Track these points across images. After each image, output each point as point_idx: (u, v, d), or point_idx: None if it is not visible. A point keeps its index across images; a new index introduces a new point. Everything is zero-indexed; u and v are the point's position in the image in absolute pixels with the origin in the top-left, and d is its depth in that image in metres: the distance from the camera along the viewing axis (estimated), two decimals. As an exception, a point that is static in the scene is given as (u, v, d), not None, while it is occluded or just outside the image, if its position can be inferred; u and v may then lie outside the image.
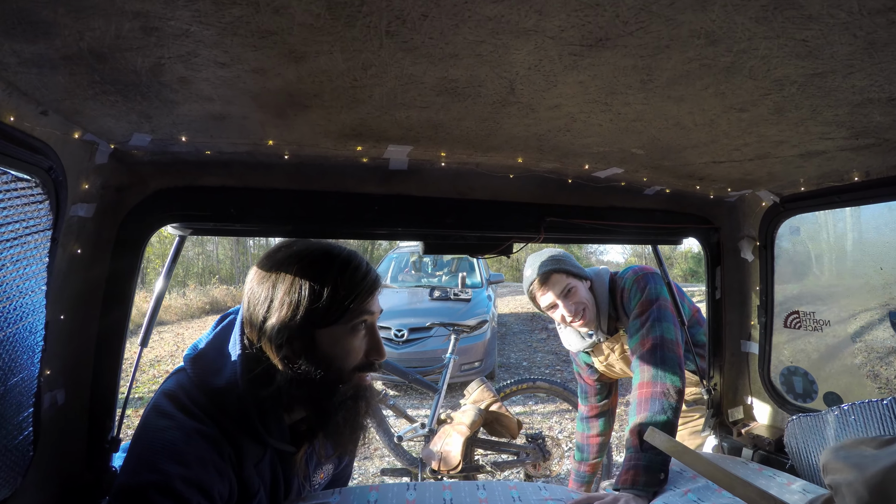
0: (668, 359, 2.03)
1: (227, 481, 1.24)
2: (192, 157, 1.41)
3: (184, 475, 1.14)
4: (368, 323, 1.36)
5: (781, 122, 1.19)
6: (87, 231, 1.32)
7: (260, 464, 1.34)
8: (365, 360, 1.37)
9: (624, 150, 1.42)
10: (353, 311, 1.30)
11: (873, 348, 3.08)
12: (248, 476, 1.30)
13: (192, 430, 1.21)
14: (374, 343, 1.38)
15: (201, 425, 1.23)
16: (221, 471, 1.23)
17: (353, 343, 1.34)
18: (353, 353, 1.34)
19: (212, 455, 1.21)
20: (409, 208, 1.67)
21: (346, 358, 1.33)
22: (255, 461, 1.33)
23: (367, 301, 1.34)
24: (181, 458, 1.16)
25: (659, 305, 2.17)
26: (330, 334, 1.30)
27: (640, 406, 1.96)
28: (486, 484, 1.65)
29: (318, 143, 1.35)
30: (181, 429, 1.20)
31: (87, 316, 1.39)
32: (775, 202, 2.05)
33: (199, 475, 1.17)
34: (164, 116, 1.12)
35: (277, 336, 1.26)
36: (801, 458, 1.89)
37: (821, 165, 1.59)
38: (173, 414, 1.23)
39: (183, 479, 1.14)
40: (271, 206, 1.57)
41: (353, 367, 1.35)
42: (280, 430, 1.36)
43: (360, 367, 1.36)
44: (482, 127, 1.23)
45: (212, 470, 1.20)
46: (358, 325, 1.33)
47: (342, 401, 1.33)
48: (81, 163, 1.21)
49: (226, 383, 1.26)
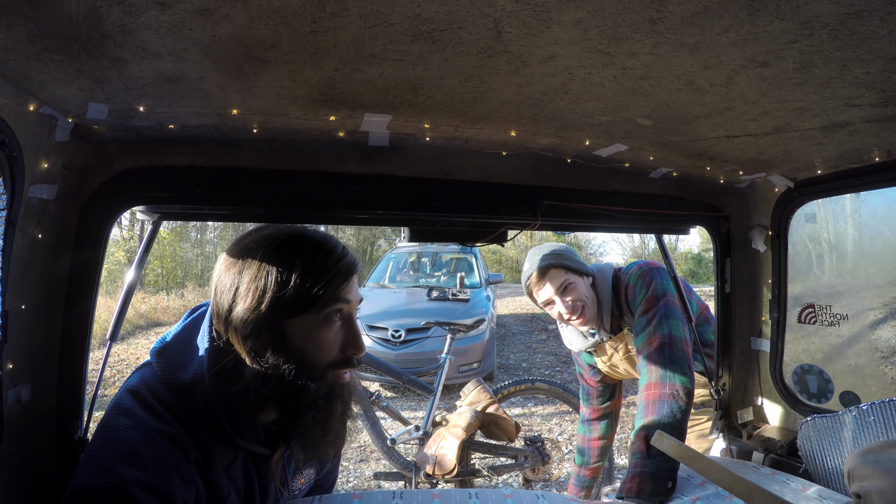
0: (676, 358, 1.92)
1: (192, 487, 1.14)
2: (156, 134, 1.33)
3: (141, 480, 1.05)
4: (345, 313, 1.24)
5: (806, 82, 1.07)
6: (49, 215, 1.24)
7: (231, 467, 1.24)
8: (341, 355, 1.25)
9: (629, 119, 1.29)
10: (325, 299, 1.19)
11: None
12: (216, 480, 1.20)
13: (153, 430, 1.11)
14: (350, 336, 1.25)
15: (164, 425, 1.13)
16: (186, 475, 1.12)
17: (327, 335, 1.22)
18: (327, 346, 1.22)
19: (175, 458, 1.11)
20: (392, 190, 1.55)
21: (319, 352, 1.22)
22: (225, 464, 1.22)
23: (341, 288, 1.22)
24: (139, 461, 1.07)
25: (666, 301, 2.07)
26: (300, 325, 1.19)
27: (647, 409, 1.85)
28: (479, 492, 1.53)
29: (286, 111, 1.24)
30: (141, 429, 1.11)
31: (51, 307, 1.31)
32: (789, 187, 1.94)
33: (158, 480, 1.07)
34: (115, 80, 1.04)
35: (243, 327, 1.16)
36: (816, 461, 1.80)
37: (841, 142, 1.48)
38: (134, 412, 1.13)
39: (140, 485, 1.04)
40: (242, 188, 1.48)
41: (328, 363, 1.23)
42: (253, 430, 1.25)
43: (336, 363, 1.24)
44: (467, 88, 1.10)
45: (174, 474, 1.10)
46: (331, 316, 1.21)
47: (313, 400, 1.22)
48: (39, 139, 1.15)
49: (192, 378, 1.18)
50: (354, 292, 1.26)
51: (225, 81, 1.07)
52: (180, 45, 0.91)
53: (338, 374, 1.25)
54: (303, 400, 1.20)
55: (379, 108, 1.22)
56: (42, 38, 0.85)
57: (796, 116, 1.27)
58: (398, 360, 6.65)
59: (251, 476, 1.30)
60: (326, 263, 1.20)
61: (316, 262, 1.19)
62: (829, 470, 1.75)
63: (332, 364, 1.23)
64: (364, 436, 5.33)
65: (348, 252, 1.27)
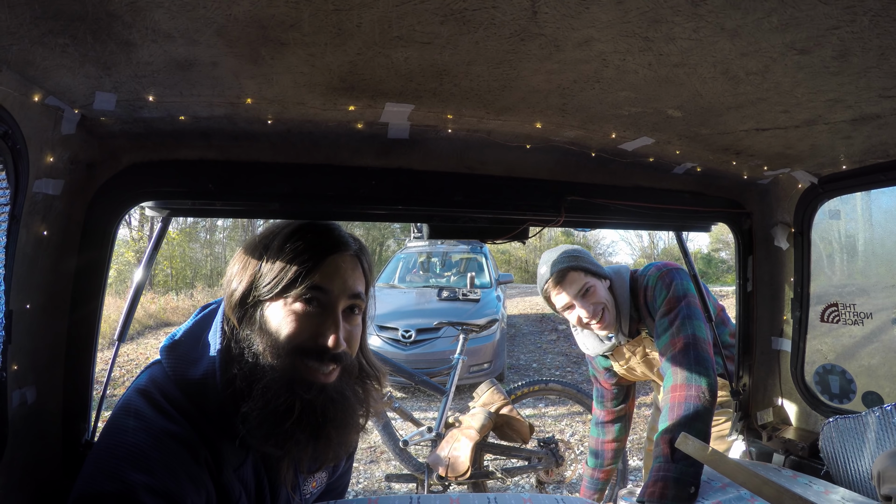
0: (701, 359, 1.89)
1: (202, 490, 1.10)
2: (166, 126, 1.29)
3: (149, 484, 1.00)
4: (322, 301, 1.20)
5: (843, 72, 1.03)
6: (55, 211, 1.20)
7: (241, 468, 1.20)
8: (312, 342, 1.18)
9: (659, 111, 1.25)
10: (297, 282, 1.17)
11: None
12: (226, 481, 1.16)
13: (161, 431, 1.07)
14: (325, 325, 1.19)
15: (173, 425, 1.09)
16: (195, 478, 1.08)
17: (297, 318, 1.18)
18: (295, 328, 1.17)
19: (184, 460, 1.07)
20: (412, 184, 1.51)
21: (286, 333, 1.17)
22: (236, 465, 1.19)
23: (316, 274, 1.19)
24: (147, 464, 1.02)
25: (688, 302, 2.04)
26: (277, 307, 1.19)
27: (672, 411, 1.82)
28: (498, 497, 1.49)
29: (303, 100, 1.20)
30: (149, 430, 1.07)
31: (56, 306, 1.27)
32: (813, 183, 1.91)
33: (167, 484, 1.02)
34: (123, 66, 0.99)
35: (234, 308, 1.21)
36: (839, 463, 1.78)
37: (869, 136, 1.44)
38: (143, 412, 1.09)
39: (148, 490, 1.00)
40: (255, 183, 1.43)
41: (294, 345, 1.17)
42: (263, 430, 1.18)
43: (304, 349, 1.17)
44: (496, 75, 1.06)
45: (183, 478, 1.06)
46: (305, 301, 1.18)
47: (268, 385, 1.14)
48: (45, 131, 1.11)
49: (202, 374, 1.15)
50: (338, 281, 1.21)
51: (240, 67, 1.02)
52: (193, 26, 0.86)
53: (308, 367, 1.17)
54: (261, 384, 1.14)
55: (401, 96, 1.18)
56: (46, 19, 0.82)
57: (828, 108, 1.23)
58: (408, 360, 6.62)
59: (262, 478, 1.27)
60: (298, 246, 1.20)
61: (289, 244, 1.21)
62: (852, 472, 1.73)
63: (300, 348, 1.17)
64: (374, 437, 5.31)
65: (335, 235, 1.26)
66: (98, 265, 1.33)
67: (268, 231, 1.27)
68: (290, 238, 1.21)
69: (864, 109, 1.23)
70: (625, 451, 3.97)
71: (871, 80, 1.07)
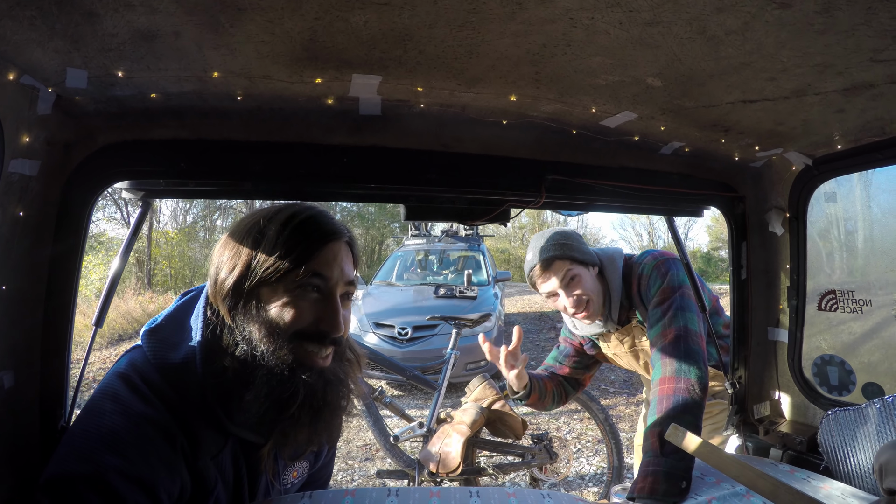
0: (692, 352, 1.84)
1: (176, 477, 1.09)
2: (138, 104, 1.30)
3: (121, 468, 1.00)
4: (322, 289, 1.19)
5: (828, 30, 0.99)
6: (31, 192, 1.21)
7: (220, 456, 1.19)
8: (314, 328, 1.18)
9: (637, 80, 1.21)
10: (296, 269, 1.16)
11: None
12: (203, 467, 1.15)
13: (138, 415, 1.07)
14: (327, 311, 1.20)
15: (151, 410, 1.08)
16: (170, 464, 1.07)
17: (298, 305, 1.17)
18: (298, 315, 1.17)
19: (159, 446, 1.07)
20: (386, 162, 1.49)
21: (288, 319, 1.16)
22: (214, 452, 1.17)
23: (314, 260, 1.18)
24: (121, 448, 1.02)
25: (682, 293, 1.98)
26: (274, 292, 1.17)
27: (661, 403, 1.77)
28: (481, 491, 1.44)
29: (269, 73, 1.19)
30: (126, 414, 1.06)
31: (33, 289, 1.28)
32: (807, 165, 1.86)
33: (140, 469, 1.02)
34: (90, 39, 1.01)
35: (224, 294, 1.17)
36: (839, 458, 1.73)
37: (864, 110, 1.40)
38: (121, 396, 1.09)
39: (120, 473, 0.99)
40: (228, 162, 1.44)
41: (296, 330, 1.17)
42: (244, 416, 1.18)
43: (307, 334, 1.18)
44: (460, 39, 1.03)
45: (157, 463, 1.05)
46: (306, 287, 1.18)
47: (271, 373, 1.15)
48: (20, 111, 1.13)
49: (183, 358, 1.15)
50: (336, 268, 1.21)
51: (202, 37, 1.03)
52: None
53: (308, 352, 1.19)
54: (263, 370, 1.14)
55: (367, 66, 1.15)
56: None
57: (817, 75, 1.18)
58: (404, 357, 6.60)
59: (240, 466, 1.25)
60: (297, 233, 1.18)
61: (287, 230, 1.17)
62: (853, 466, 1.68)
63: (301, 333, 1.17)
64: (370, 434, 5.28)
65: (329, 221, 1.24)
66: (73, 248, 1.34)
67: (257, 217, 1.22)
68: (287, 224, 1.19)
69: (856, 76, 1.19)
70: (621, 445, 3.94)
71: (859, 39, 1.02)
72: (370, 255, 26.58)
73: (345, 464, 5.05)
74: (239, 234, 1.21)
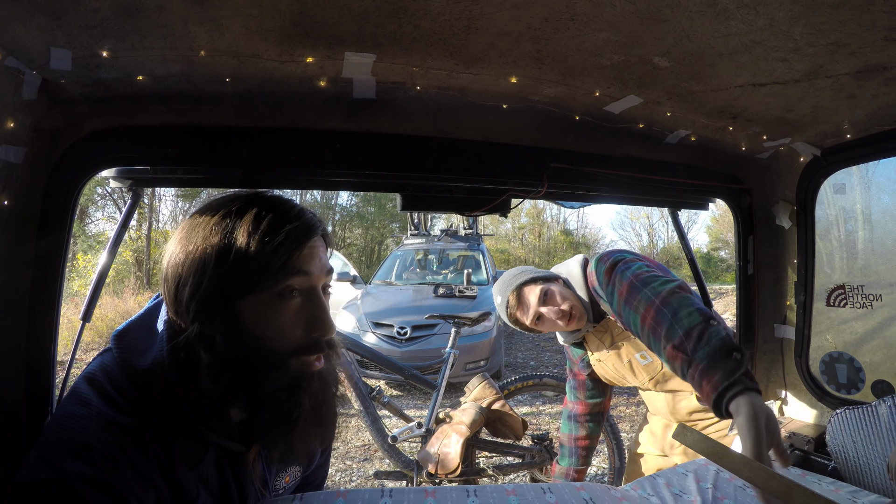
0: (644, 281, 1.55)
1: (149, 486, 1.02)
2: (125, 89, 1.27)
3: (87, 475, 0.94)
4: (304, 288, 1.08)
5: (843, 4, 0.94)
6: (16, 179, 1.19)
7: (201, 465, 1.12)
8: (306, 337, 1.08)
9: (644, 59, 1.16)
10: (275, 272, 1.02)
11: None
12: (181, 478, 1.08)
13: (107, 421, 1.00)
14: (314, 315, 1.08)
15: (120, 415, 1.01)
16: (142, 472, 1.00)
17: (284, 316, 1.05)
18: (287, 329, 1.06)
19: (129, 452, 1.00)
20: (381, 149, 1.44)
21: (278, 337, 1.05)
22: (192, 462, 1.10)
23: (294, 257, 1.05)
24: (87, 454, 0.96)
25: (624, 262, 1.72)
26: (253, 305, 1.03)
27: (655, 329, 1.44)
28: (479, 489, 1.39)
29: (258, 51, 1.14)
30: (94, 419, 1.00)
31: (19, 280, 1.26)
32: (815, 156, 1.81)
33: (107, 476, 0.96)
34: (72, 14, 0.99)
35: (189, 309, 1.03)
36: (849, 458, 1.68)
37: (875, 96, 1.35)
38: (89, 400, 1.02)
39: (86, 481, 0.94)
40: (218, 148, 1.40)
41: (292, 348, 1.07)
42: (224, 424, 1.11)
43: (301, 348, 1.08)
44: (457, 12, 0.98)
45: (126, 470, 0.98)
46: (286, 292, 1.05)
47: (272, 394, 1.06)
48: (4, 96, 1.10)
49: (150, 364, 1.06)
50: (317, 262, 1.09)
51: (186, 11, 1.00)
52: None
53: (305, 362, 1.09)
54: (260, 394, 1.05)
55: (360, 43, 1.10)
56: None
57: (830, 55, 1.13)
58: (403, 357, 6.54)
59: (226, 475, 1.18)
60: (272, 228, 1.03)
61: (260, 226, 1.03)
62: (863, 467, 1.64)
63: (296, 350, 1.07)
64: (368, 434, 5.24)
65: (306, 214, 1.10)
66: (59, 238, 1.32)
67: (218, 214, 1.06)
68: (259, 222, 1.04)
69: (869, 58, 1.14)
70: (622, 446, 3.89)
71: (875, 16, 0.97)
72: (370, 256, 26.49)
73: (343, 464, 5.00)
74: (199, 235, 1.05)
